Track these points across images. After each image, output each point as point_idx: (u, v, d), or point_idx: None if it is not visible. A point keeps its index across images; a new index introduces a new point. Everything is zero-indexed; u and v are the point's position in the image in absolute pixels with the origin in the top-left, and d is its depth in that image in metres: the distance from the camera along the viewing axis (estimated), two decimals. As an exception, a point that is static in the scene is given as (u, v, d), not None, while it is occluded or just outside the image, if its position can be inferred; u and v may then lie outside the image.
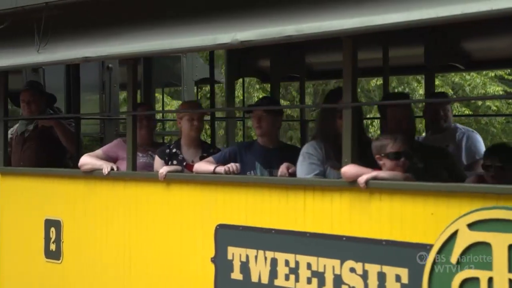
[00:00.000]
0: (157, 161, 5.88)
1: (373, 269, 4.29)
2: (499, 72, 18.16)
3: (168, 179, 5.59)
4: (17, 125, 7.81)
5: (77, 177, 6.45)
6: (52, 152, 7.58)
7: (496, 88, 18.10)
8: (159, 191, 5.69)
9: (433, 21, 3.92)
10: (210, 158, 5.49)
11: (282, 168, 5.06)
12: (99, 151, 6.37)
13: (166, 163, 5.82)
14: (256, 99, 19.53)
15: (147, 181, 5.82)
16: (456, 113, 16.23)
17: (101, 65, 8.92)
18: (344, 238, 4.45)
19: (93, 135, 9.28)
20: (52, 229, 6.65)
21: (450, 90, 17.92)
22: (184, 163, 5.82)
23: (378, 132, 18.54)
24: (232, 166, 5.22)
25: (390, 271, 4.21)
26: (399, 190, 4.27)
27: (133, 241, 5.90)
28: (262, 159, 5.42)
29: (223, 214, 5.22)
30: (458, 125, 6.51)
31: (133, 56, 5.73)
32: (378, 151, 4.63)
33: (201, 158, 5.78)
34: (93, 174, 6.24)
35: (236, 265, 5.08)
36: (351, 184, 4.44)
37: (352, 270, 4.40)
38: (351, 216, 4.45)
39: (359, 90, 17.95)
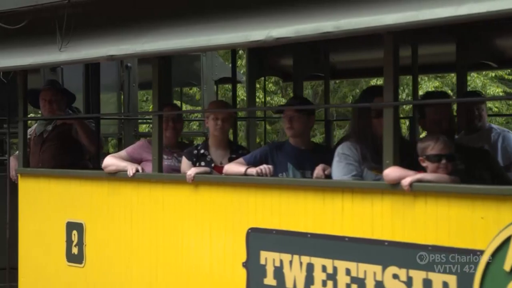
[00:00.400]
0: (185, 162, 5.71)
1: (418, 275, 4.10)
2: (500, 73, 18.06)
3: (197, 181, 5.42)
4: (35, 125, 7.65)
5: (100, 178, 6.29)
6: (71, 153, 7.41)
7: (496, 89, 18.02)
8: (187, 193, 5.52)
9: (482, 16, 3.73)
10: (241, 160, 5.31)
11: (318, 170, 4.88)
12: (123, 152, 6.20)
13: (194, 165, 5.65)
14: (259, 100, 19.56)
15: (174, 183, 5.64)
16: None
17: (120, 64, 8.76)
18: (386, 243, 4.27)
19: (112, 135, 9.10)
20: (74, 232, 6.49)
21: (450, 91, 17.86)
22: (212, 165, 5.65)
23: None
24: (265, 167, 5.04)
25: (437, 278, 4.02)
26: (445, 193, 4.08)
27: (159, 245, 5.73)
28: (294, 160, 5.25)
29: (255, 217, 5.05)
30: (493, 125, 6.31)
31: (162, 54, 5.56)
32: (421, 153, 4.46)
33: (230, 160, 5.61)
34: (117, 175, 6.07)
35: (270, 270, 4.90)
36: (393, 187, 4.26)
37: (395, 276, 4.22)
38: (394, 220, 4.27)
39: (358, 90, 17.91)
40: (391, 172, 4.21)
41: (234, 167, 5.22)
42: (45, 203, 6.86)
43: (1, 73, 7.54)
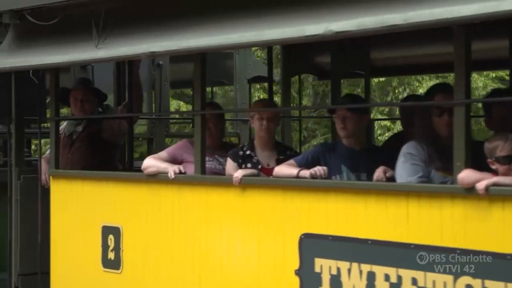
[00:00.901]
0: (230, 164, 5.43)
1: (495, 286, 3.81)
2: (500, 73, 17.83)
3: (244, 184, 5.14)
4: (64, 124, 7.40)
5: (138, 180, 6.02)
6: (101, 155, 7.18)
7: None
8: (233, 196, 5.24)
9: None
10: (291, 161, 5.03)
11: (379, 172, 4.58)
12: (163, 153, 5.93)
13: (240, 166, 5.38)
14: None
15: (219, 186, 5.37)
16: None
17: (151, 62, 8.49)
18: (458, 251, 3.97)
19: (143, 136, 8.84)
20: (111, 236, 6.22)
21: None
22: (259, 166, 5.37)
23: (379, 131, 18.45)
24: (320, 169, 4.76)
25: (518, 290, 3.74)
26: (525, 197, 3.79)
27: (202, 251, 5.46)
28: (349, 162, 4.96)
29: (308, 223, 4.76)
30: None
31: (208, 51, 5.29)
32: (489, 154, 4.16)
33: (278, 161, 5.34)
34: (157, 177, 5.80)
35: (325, 279, 4.61)
36: (466, 191, 3.96)
37: (469, 287, 3.93)
38: (466, 227, 3.97)
39: (359, 89, 17.69)
40: (467, 175, 3.91)
41: (285, 169, 4.94)
42: (79, 206, 6.60)
43: (30, 72, 7.34)
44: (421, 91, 16.43)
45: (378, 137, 17.31)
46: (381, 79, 16.13)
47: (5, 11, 6.91)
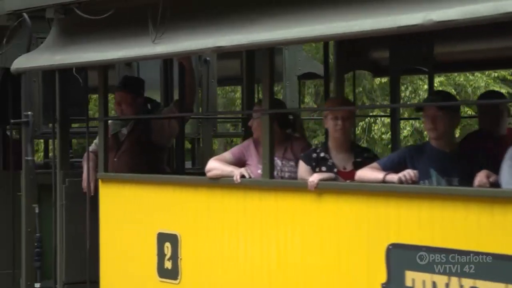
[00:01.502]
0: (302, 167, 5.02)
1: None
2: (502, 73, 17.48)
3: (320, 189, 4.73)
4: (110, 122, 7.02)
5: (199, 184, 5.63)
6: (149, 158, 6.79)
7: (499, 90, 17.39)
8: (308, 203, 4.83)
9: None
10: (375, 164, 4.61)
11: (481, 177, 4.15)
12: (227, 154, 5.53)
13: (313, 170, 4.96)
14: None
15: (291, 191, 4.96)
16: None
17: (197, 59, 8.09)
18: None
19: (188, 136, 8.42)
20: (167, 244, 5.83)
21: (453, 90, 17.34)
22: (335, 170, 4.96)
23: (383, 130, 18.05)
24: (409, 173, 4.34)
25: None
26: None
27: (272, 261, 5.05)
28: (438, 165, 4.53)
29: (397, 232, 4.34)
30: None
31: (282, 44, 4.89)
32: None
33: (355, 164, 4.93)
34: (219, 181, 5.40)
35: (418, 294, 4.20)
36: None
37: None
38: None
39: (360, 89, 17.31)
40: None
41: (370, 173, 4.52)
42: (131, 211, 6.21)
43: (74, 69, 6.97)
44: (425, 87, 16.06)
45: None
46: (384, 79, 15.66)
47: (50, 6, 6.56)
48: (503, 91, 17.17)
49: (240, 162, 5.41)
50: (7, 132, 8.58)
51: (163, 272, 5.84)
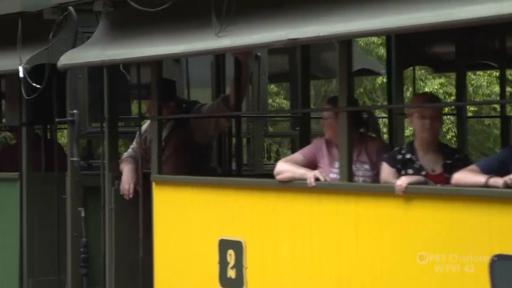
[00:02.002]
0: (386, 169, 4.61)
1: None
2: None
3: (409, 193, 4.32)
4: (145, 125, 6.66)
5: (266, 188, 5.23)
6: (197, 159, 6.42)
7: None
8: (394, 209, 4.41)
9: None
10: (473, 167, 4.20)
11: None
12: (298, 156, 5.13)
13: (399, 172, 4.56)
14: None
15: (374, 196, 4.55)
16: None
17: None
18: None
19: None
20: (230, 251, 5.43)
21: (455, 90, 16.93)
22: (423, 172, 4.54)
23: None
24: (516, 176, 3.92)
25: None
26: None
27: (352, 272, 4.64)
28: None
29: (503, 241, 3.92)
30: None
31: (364, 36, 4.47)
32: None
33: (445, 166, 4.53)
34: (289, 184, 5.01)
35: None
36: None
37: None
38: None
39: (361, 90, 16.96)
40: None
41: (469, 177, 4.10)
42: (188, 216, 5.83)
43: (121, 65, 6.61)
44: (426, 89, 15.77)
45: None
46: (385, 79, 15.37)
47: (99, -2, 6.20)
48: (506, 91, 16.99)
49: (311, 164, 5.02)
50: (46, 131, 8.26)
51: (225, 282, 5.45)
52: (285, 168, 4.99)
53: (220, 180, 5.68)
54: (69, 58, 6.35)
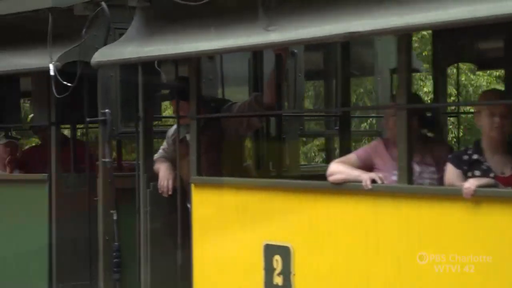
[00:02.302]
0: (451, 171, 4.33)
1: None
2: (503, 72, 16.90)
3: (478, 197, 4.04)
4: (174, 126, 6.42)
5: (316, 190, 4.96)
6: (230, 160, 6.17)
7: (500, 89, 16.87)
8: (461, 213, 4.13)
9: None
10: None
11: None
12: (352, 156, 4.86)
13: (465, 174, 4.28)
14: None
15: (438, 199, 4.27)
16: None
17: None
18: None
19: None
20: (277, 257, 5.16)
21: (454, 90, 16.78)
22: (492, 175, 4.26)
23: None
24: None
25: None
26: None
27: (413, 281, 4.37)
28: None
29: None
30: None
31: (435, 28, 4.19)
32: None
33: (516, 168, 4.25)
34: (342, 187, 4.74)
35: None
36: None
37: None
38: None
39: (361, 90, 16.72)
40: None
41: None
42: (230, 220, 5.56)
43: (155, 62, 6.34)
44: (425, 90, 15.56)
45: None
46: None
47: (134, -7, 5.96)
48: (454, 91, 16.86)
49: (366, 166, 4.74)
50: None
51: (272, 289, 5.19)
52: (339, 169, 4.72)
53: (267, 182, 5.41)
54: (103, 55, 6.09)
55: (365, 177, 4.54)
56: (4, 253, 7.44)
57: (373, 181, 4.53)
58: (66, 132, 8.35)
